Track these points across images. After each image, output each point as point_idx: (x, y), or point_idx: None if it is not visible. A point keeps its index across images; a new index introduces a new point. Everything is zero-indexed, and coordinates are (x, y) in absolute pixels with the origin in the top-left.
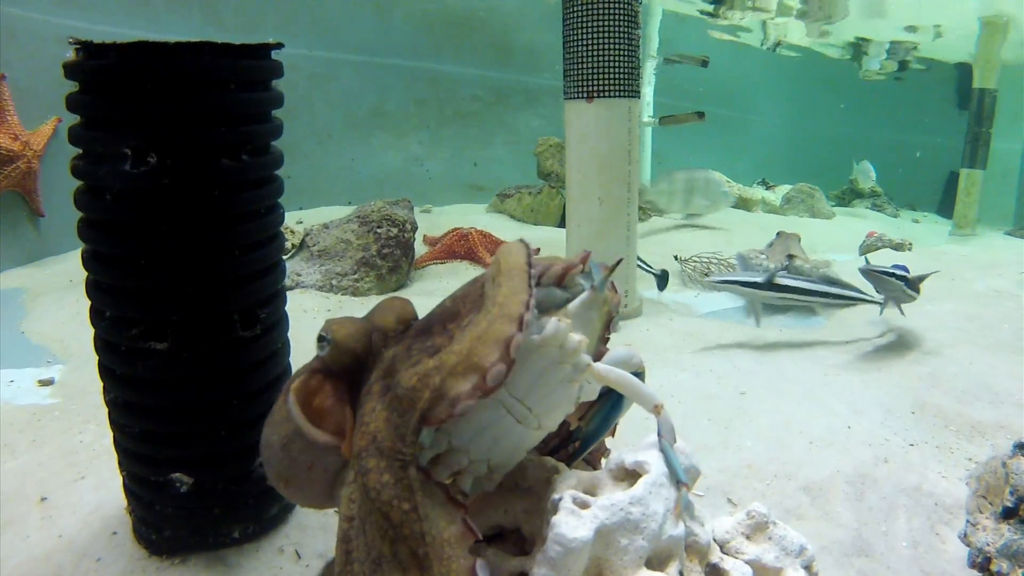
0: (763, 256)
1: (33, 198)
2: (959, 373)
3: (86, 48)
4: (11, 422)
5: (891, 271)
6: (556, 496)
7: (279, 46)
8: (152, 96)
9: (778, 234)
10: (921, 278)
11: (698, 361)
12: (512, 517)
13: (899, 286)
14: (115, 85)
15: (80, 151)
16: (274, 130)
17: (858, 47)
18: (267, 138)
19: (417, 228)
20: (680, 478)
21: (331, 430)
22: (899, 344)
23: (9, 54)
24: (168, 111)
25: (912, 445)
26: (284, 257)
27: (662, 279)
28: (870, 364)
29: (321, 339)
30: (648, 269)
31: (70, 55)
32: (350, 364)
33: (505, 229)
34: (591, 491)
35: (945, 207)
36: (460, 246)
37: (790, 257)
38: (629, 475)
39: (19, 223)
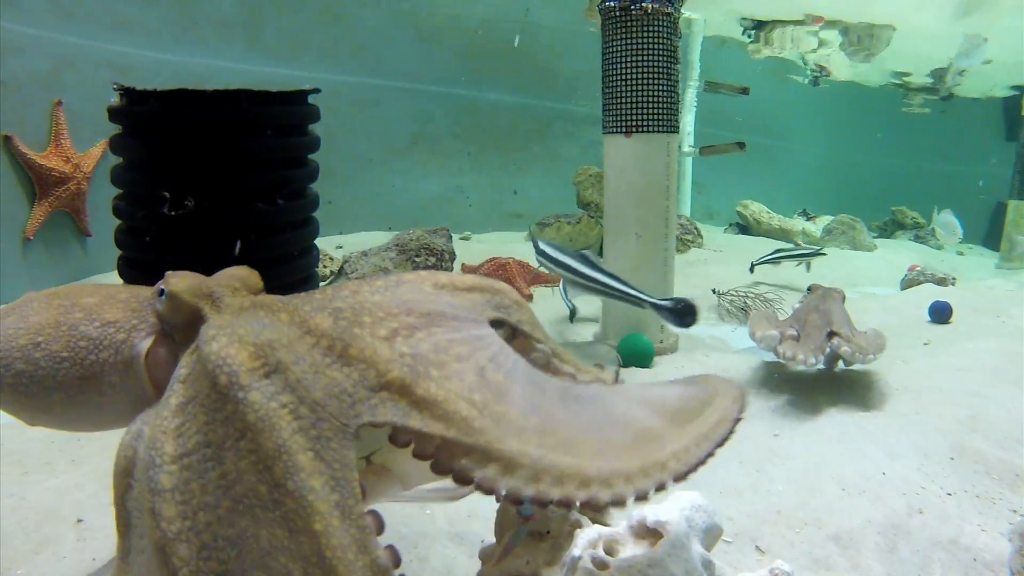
0: (793, 332)
1: (81, 218)
2: (1002, 417)
3: (129, 94)
4: (52, 440)
5: None
6: (576, 553)
7: (316, 91)
8: (191, 141)
9: (810, 289)
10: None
11: None
12: (533, 568)
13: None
14: (155, 130)
15: (121, 191)
16: (310, 174)
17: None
18: (303, 182)
19: (455, 257)
20: None
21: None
22: (937, 384)
23: (66, 80)
24: (206, 156)
25: (950, 494)
26: (322, 284)
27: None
28: (907, 405)
29: (160, 292)
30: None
31: (114, 99)
32: (185, 322)
33: None
34: (611, 548)
35: (991, 239)
36: (498, 276)
37: (831, 335)
38: (651, 533)
39: (67, 242)
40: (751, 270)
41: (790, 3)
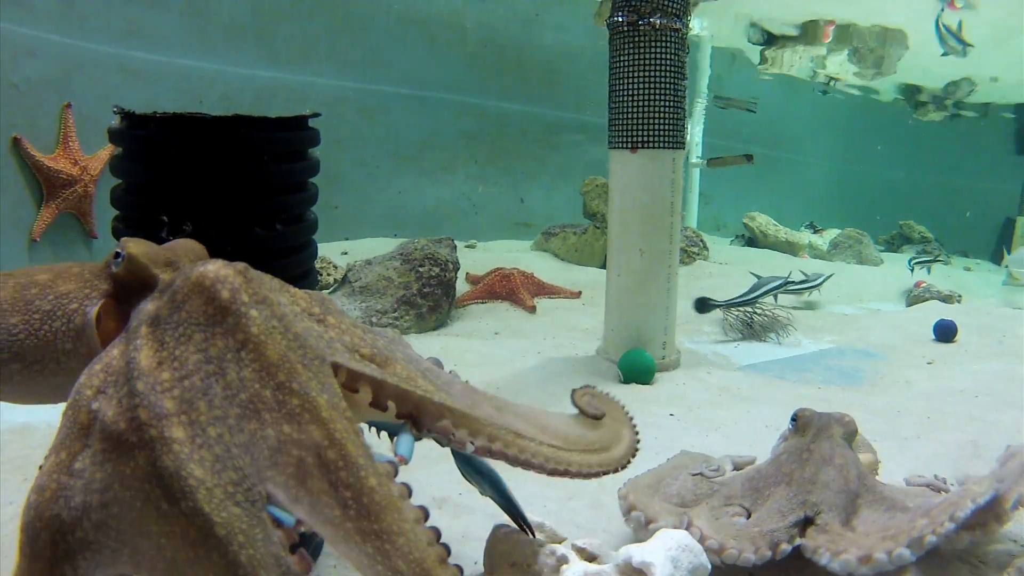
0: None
1: (87, 220)
2: (1005, 442)
3: (128, 117)
4: None
5: None
6: None
7: (316, 115)
8: (190, 166)
9: (795, 420)
10: None
11: (732, 420)
12: None
13: None
14: (154, 154)
15: (120, 214)
16: (309, 198)
17: (912, 92)
18: (301, 207)
19: (459, 267)
20: None
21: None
22: (939, 407)
23: (76, 83)
24: (204, 181)
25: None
26: (326, 292)
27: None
28: (908, 429)
29: (117, 255)
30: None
31: (115, 121)
32: (137, 286)
33: (549, 268)
34: None
35: (999, 254)
36: (502, 286)
37: (806, 524)
38: (636, 572)
39: (73, 244)
40: (911, 269)
41: (801, 8)
